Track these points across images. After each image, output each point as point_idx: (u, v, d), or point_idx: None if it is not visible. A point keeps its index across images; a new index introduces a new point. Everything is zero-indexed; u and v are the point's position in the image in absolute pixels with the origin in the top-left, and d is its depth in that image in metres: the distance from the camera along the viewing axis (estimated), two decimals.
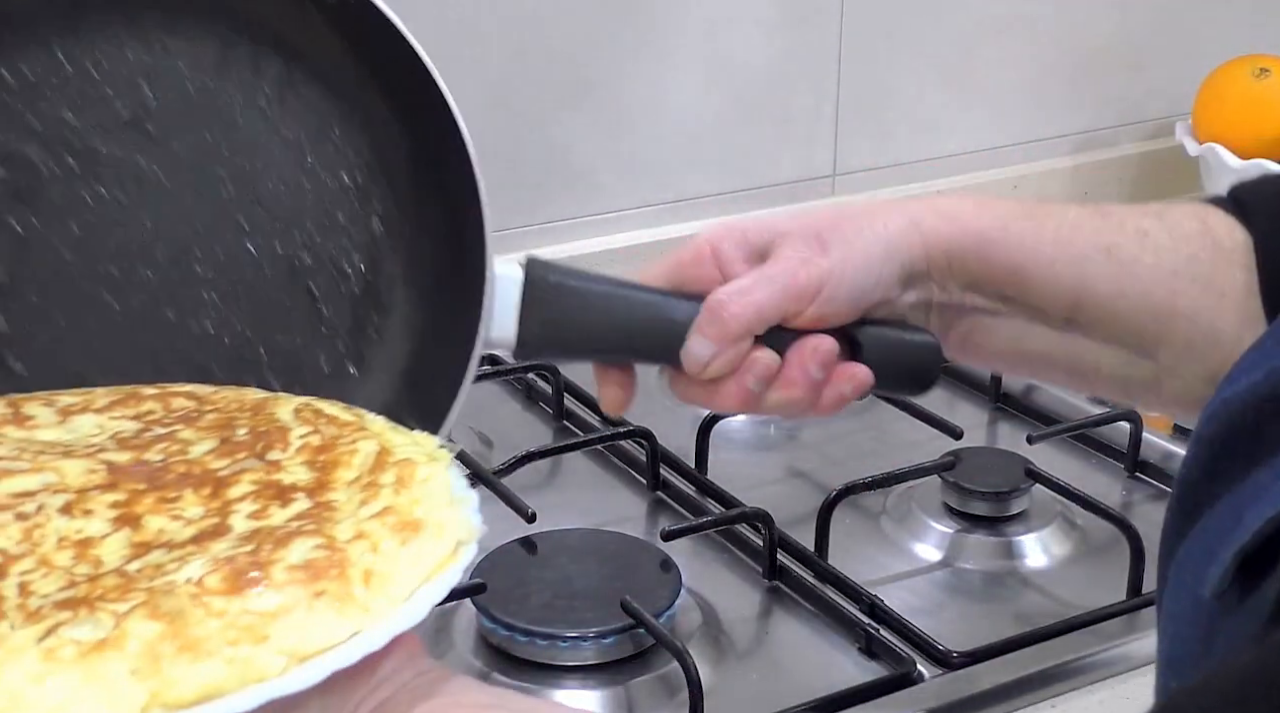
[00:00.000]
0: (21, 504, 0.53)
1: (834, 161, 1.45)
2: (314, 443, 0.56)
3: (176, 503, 0.54)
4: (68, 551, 0.52)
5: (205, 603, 0.47)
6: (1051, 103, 1.56)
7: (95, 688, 0.45)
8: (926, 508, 0.99)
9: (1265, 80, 1.49)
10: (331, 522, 0.51)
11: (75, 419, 0.60)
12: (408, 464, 0.55)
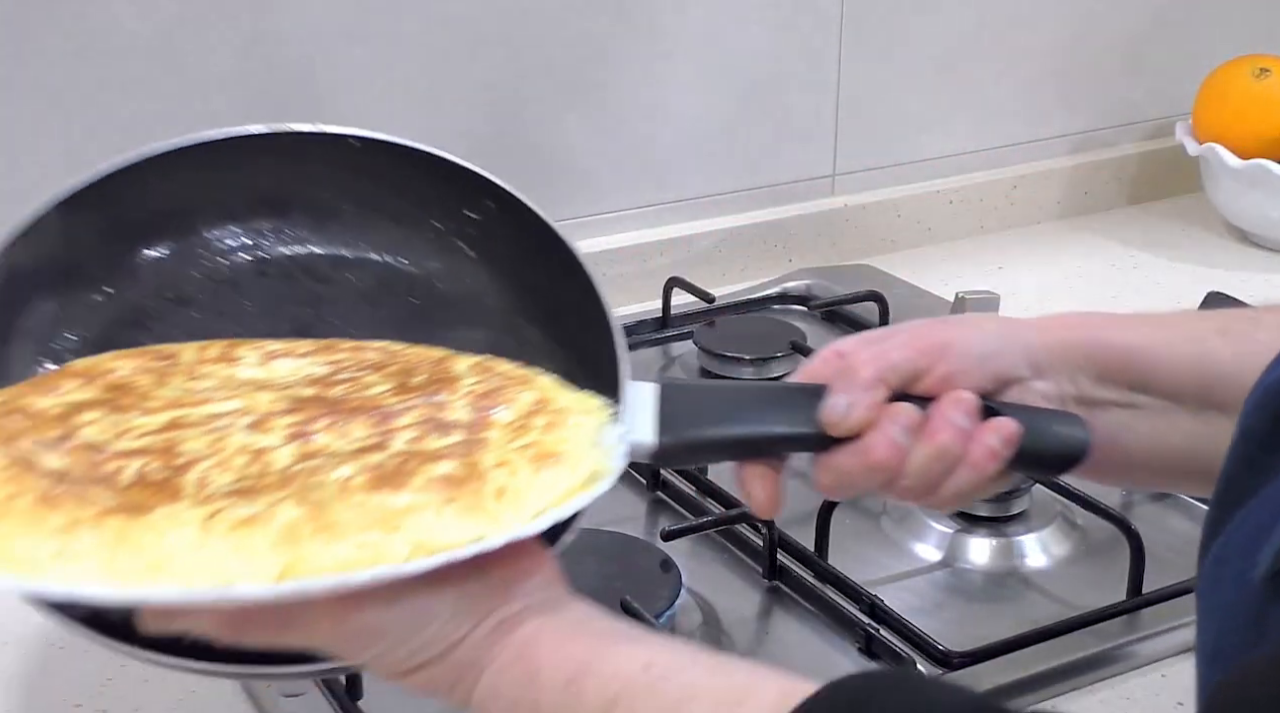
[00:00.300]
0: (213, 423, 0.62)
1: (834, 162, 1.45)
2: (480, 390, 0.63)
3: (346, 427, 0.61)
4: (244, 457, 0.59)
5: (347, 497, 0.54)
6: (1051, 103, 1.56)
7: (239, 556, 0.52)
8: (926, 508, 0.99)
9: (1265, 80, 1.49)
10: (480, 451, 0.58)
11: (276, 362, 0.69)
12: (562, 411, 0.62)
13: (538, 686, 0.55)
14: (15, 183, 1.11)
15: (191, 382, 0.66)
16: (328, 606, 0.55)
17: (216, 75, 1.15)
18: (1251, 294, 1.24)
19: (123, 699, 0.82)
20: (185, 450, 0.60)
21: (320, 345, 0.71)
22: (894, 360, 0.67)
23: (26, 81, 1.09)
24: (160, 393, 0.65)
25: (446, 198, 0.77)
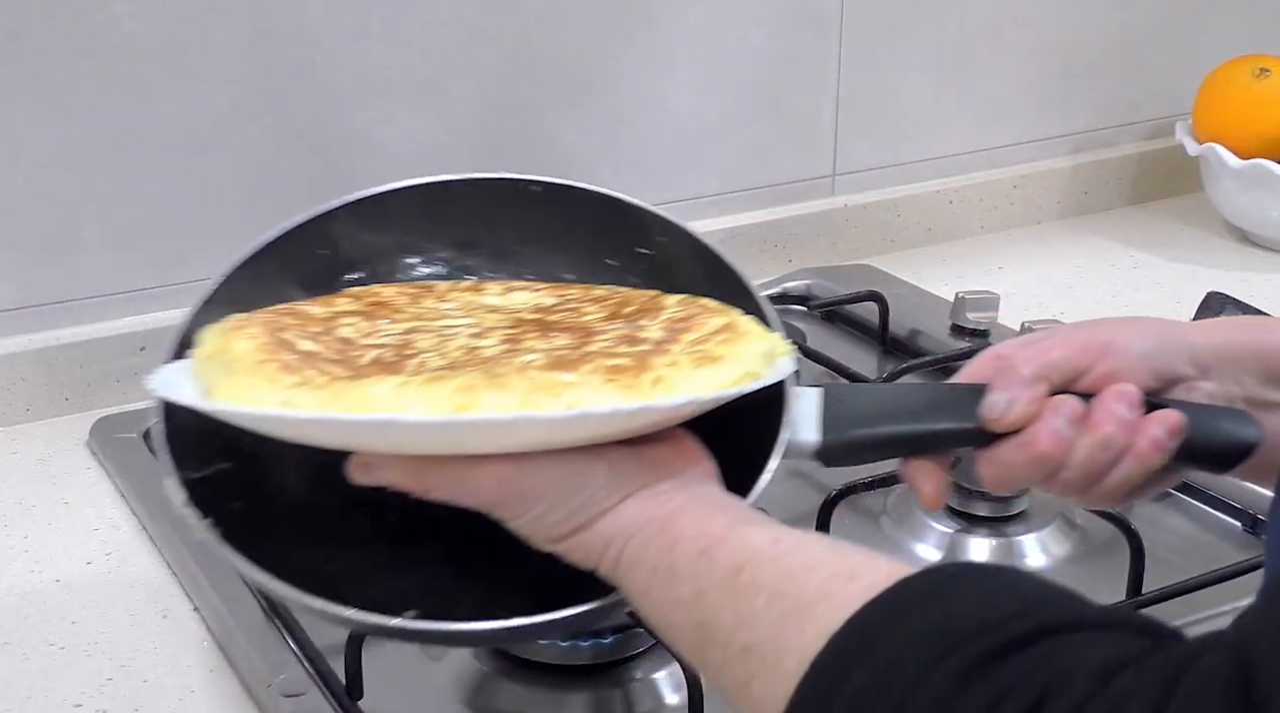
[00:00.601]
0: (445, 331, 0.73)
1: (834, 162, 1.45)
2: (678, 316, 0.70)
3: (551, 339, 0.70)
4: (460, 352, 0.69)
5: (524, 372, 0.63)
6: (1051, 103, 1.56)
7: (422, 401, 0.62)
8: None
9: (1265, 80, 1.49)
10: (656, 356, 0.65)
11: (514, 294, 0.79)
12: (744, 335, 0.68)
13: (676, 552, 0.61)
14: (15, 183, 1.11)
15: (438, 303, 0.78)
16: (495, 466, 0.63)
17: (216, 75, 1.15)
18: (1251, 294, 1.24)
19: (123, 699, 0.83)
20: (415, 346, 0.70)
21: (553, 284, 0.81)
22: (1054, 358, 0.68)
23: (26, 81, 1.09)
24: (410, 309, 0.77)
25: (619, 236, 0.82)
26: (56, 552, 0.97)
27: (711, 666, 0.58)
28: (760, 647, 0.55)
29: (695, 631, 0.59)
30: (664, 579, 0.61)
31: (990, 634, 0.47)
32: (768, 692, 0.53)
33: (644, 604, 0.63)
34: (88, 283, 1.15)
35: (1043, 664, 0.46)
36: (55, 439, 1.11)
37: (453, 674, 0.84)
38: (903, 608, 0.51)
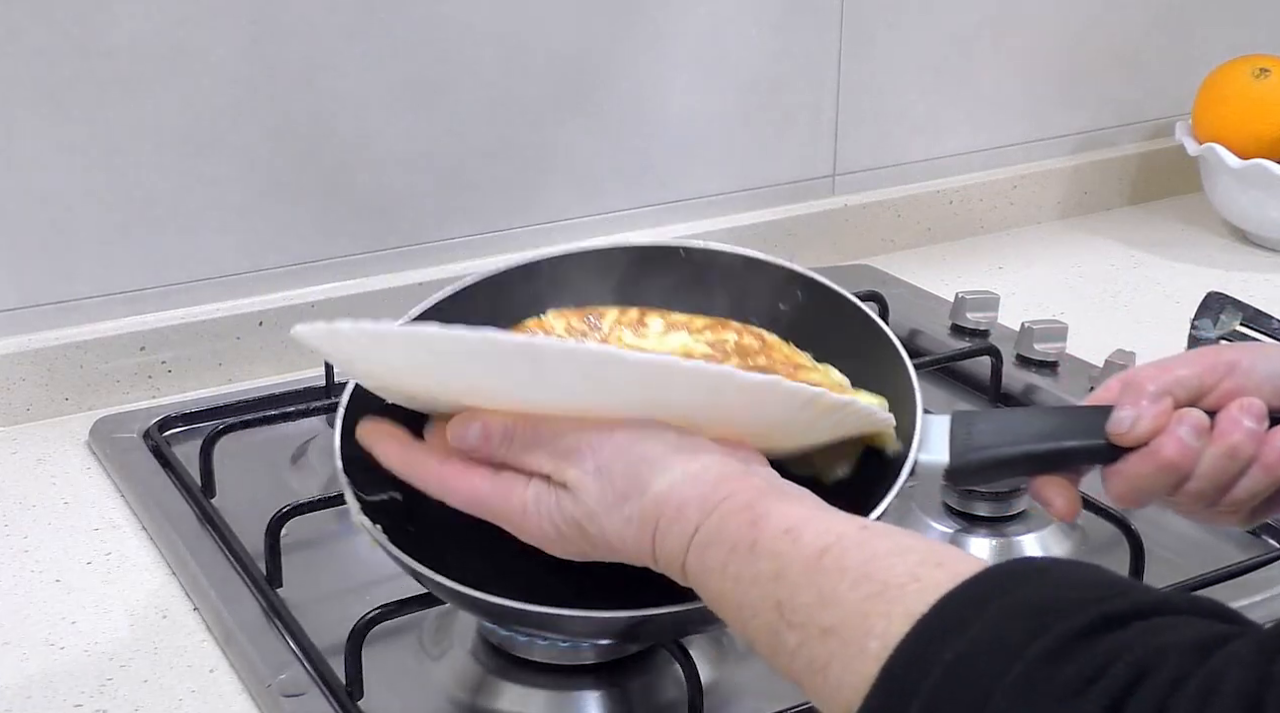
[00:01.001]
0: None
1: (834, 162, 1.45)
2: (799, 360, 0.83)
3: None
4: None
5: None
6: (1051, 103, 1.56)
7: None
8: (926, 508, 0.99)
9: (1265, 80, 1.49)
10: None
11: (673, 334, 0.87)
12: (853, 391, 0.80)
13: (758, 528, 0.61)
14: (15, 183, 1.11)
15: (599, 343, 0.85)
16: (619, 430, 0.67)
17: (216, 75, 1.15)
18: (1251, 294, 1.24)
19: (123, 699, 0.83)
20: None
21: (714, 322, 0.87)
22: (1179, 376, 0.70)
23: (26, 81, 1.09)
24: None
25: (760, 293, 0.88)
26: (56, 552, 0.97)
27: (785, 649, 0.58)
28: (842, 628, 0.55)
29: (773, 612, 0.59)
30: (745, 556, 0.61)
31: (1083, 612, 0.48)
32: (847, 674, 0.53)
33: (719, 583, 0.62)
34: (88, 283, 1.15)
35: (1137, 641, 0.47)
36: (55, 439, 1.11)
37: (453, 674, 0.84)
38: (992, 591, 0.51)
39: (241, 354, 1.20)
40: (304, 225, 1.21)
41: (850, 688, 0.53)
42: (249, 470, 1.05)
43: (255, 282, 1.20)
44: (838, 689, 0.54)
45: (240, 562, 0.93)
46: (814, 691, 0.56)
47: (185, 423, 1.11)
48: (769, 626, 0.59)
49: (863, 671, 0.52)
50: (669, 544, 0.65)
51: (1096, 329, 1.27)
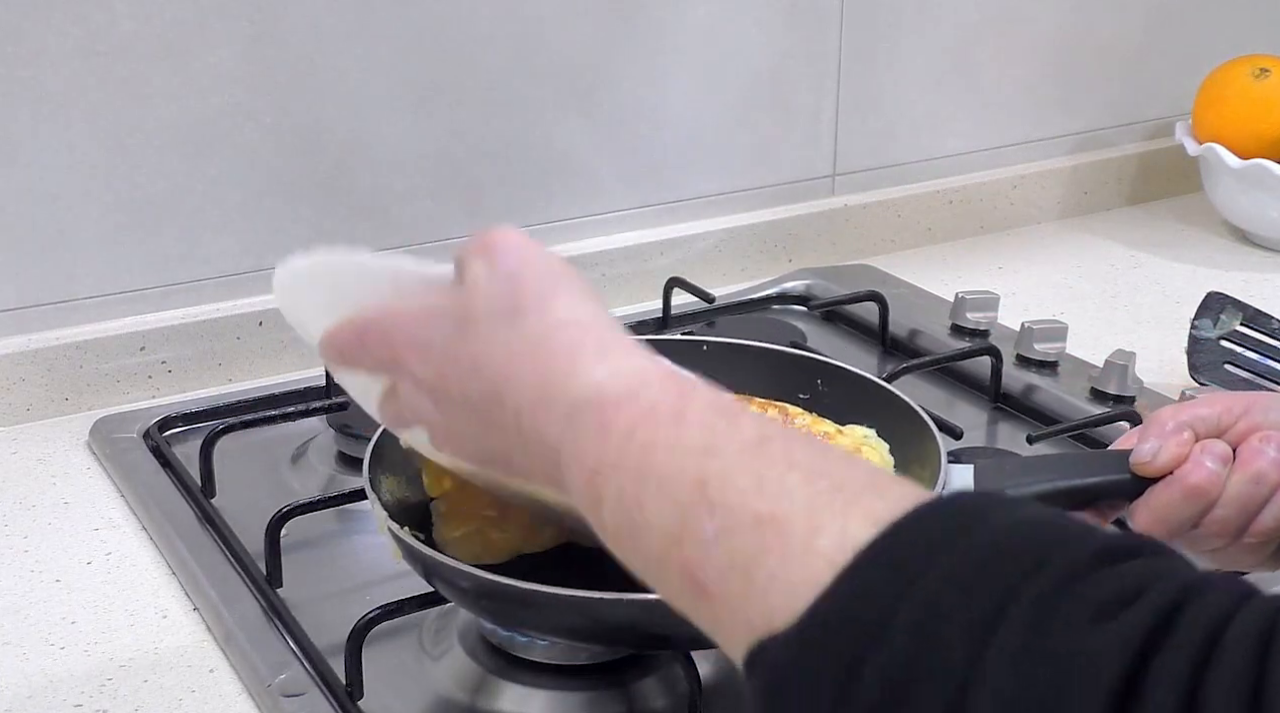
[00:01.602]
0: None
1: (834, 162, 1.45)
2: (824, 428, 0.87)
3: None
4: None
5: None
6: (1051, 103, 1.56)
7: None
8: None
9: (1265, 80, 1.49)
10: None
11: None
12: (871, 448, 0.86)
13: (687, 400, 0.55)
14: (15, 183, 1.11)
15: None
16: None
17: (217, 75, 1.15)
18: (1251, 294, 1.24)
19: (123, 699, 0.83)
20: None
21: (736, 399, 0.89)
22: (1199, 413, 0.71)
23: (26, 81, 1.09)
24: None
25: (784, 384, 0.92)
26: (56, 552, 0.97)
27: (695, 538, 0.50)
28: (784, 520, 0.48)
29: (691, 489, 0.51)
30: (667, 421, 0.53)
31: (1089, 538, 0.45)
32: (784, 572, 0.47)
33: (620, 446, 0.54)
34: (88, 283, 1.15)
35: (1160, 572, 0.44)
36: (55, 439, 1.11)
37: (453, 674, 0.84)
38: (977, 512, 0.47)
39: (241, 354, 1.20)
40: (304, 225, 1.21)
41: (785, 589, 0.47)
42: (249, 470, 1.05)
43: (255, 282, 1.20)
44: (765, 590, 0.48)
45: (240, 562, 0.93)
46: (724, 593, 0.49)
47: (185, 423, 1.11)
48: (679, 508, 0.51)
49: (807, 571, 0.46)
50: (563, 381, 0.57)
51: (1096, 329, 1.27)
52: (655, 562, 0.52)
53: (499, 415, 0.60)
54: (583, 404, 0.56)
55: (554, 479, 0.58)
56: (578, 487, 0.56)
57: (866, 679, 0.44)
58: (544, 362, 0.58)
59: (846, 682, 0.44)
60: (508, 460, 0.62)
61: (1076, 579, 0.43)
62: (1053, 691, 0.41)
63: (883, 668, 0.43)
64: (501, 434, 0.60)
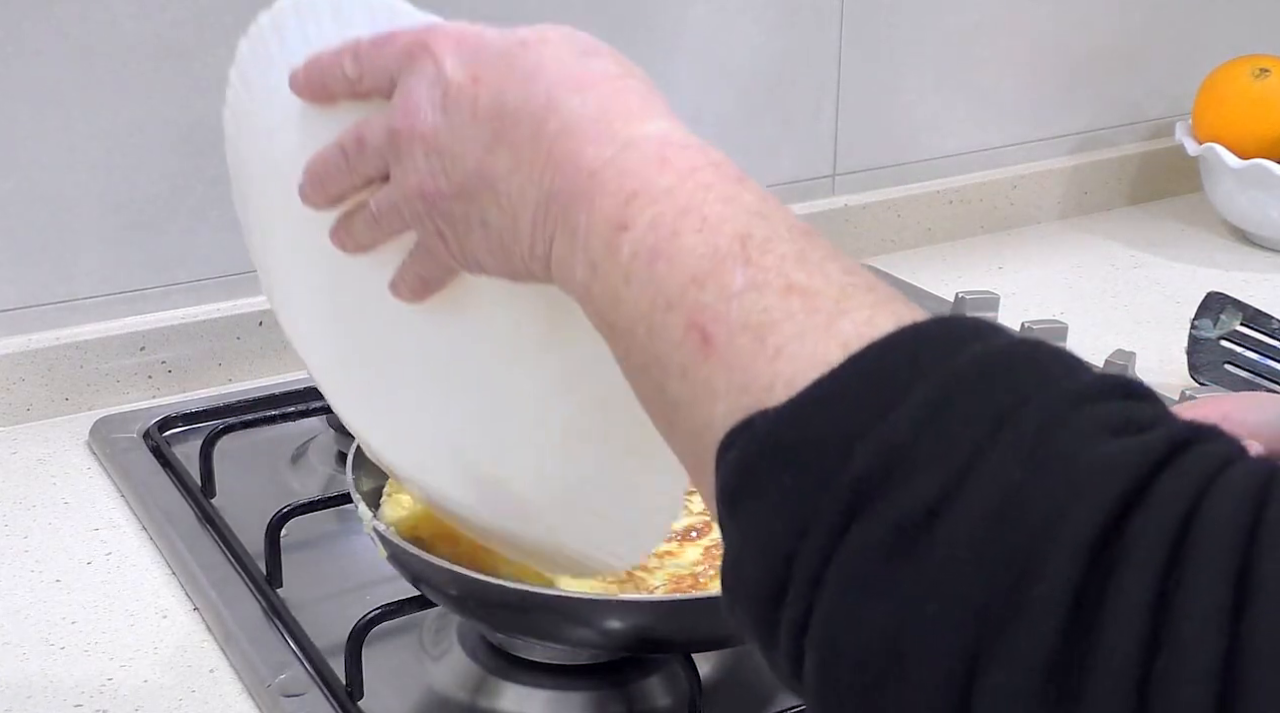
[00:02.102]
0: None
1: (834, 162, 1.45)
2: None
3: (690, 500, 0.84)
4: None
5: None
6: (1051, 103, 1.56)
7: None
8: None
9: (1265, 80, 1.49)
10: None
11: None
12: None
13: (722, 171, 0.53)
14: (15, 183, 1.11)
15: None
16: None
17: (217, 75, 1.15)
18: (1251, 294, 1.24)
19: (123, 699, 0.83)
20: None
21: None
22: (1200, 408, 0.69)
23: (26, 81, 1.09)
24: None
25: None
26: (56, 552, 0.97)
27: (720, 281, 0.48)
28: (816, 296, 0.47)
29: (731, 238, 0.49)
30: (728, 177, 0.52)
31: (1120, 379, 0.44)
32: (799, 344, 0.45)
33: (678, 180, 0.52)
34: (88, 283, 1.15)
35: (1164, 412, 0.43)
36: (55, 439, 1.11)
37: (453, 674, 0.84)
38: (992, 330, 0.46)
39: (241, 354, 1.20)
40: None
41: (792, 362, 0.45)
42: (249, 470, 1.05)
43: (255, 282, 1.19)
44: (773, 359, 0.46)
45: (240, 562, 0.93)
46: (729, 352, 0.47)
47: (185, 423, 1.11)
48: (714, 251, 0.49)
49: (821, 349, 0.45)
50: (628, 117, 0.56)
51: (1096, 329, 1.27)
52: (662, 306, 0.50)
53: (526, 129, 0.57)
54: (644, 138, 0.54)
55: (543, 209, 0.56)
56: (603, 212, 0.53)
57: (857, 456, 0.42)
58: (612, 97, 0.57)
59: (835, 459, 0.42)
60: (493, 184, 0.58)
61: (1090, 401, 0.42)
62: (1058, 488, 0.40)
63: (877, 447, 0.42)
64: (510, 152, 0.57)
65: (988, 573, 0.39)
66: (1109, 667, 0.37)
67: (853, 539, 0.41)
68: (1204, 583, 0.37)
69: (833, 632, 0.41)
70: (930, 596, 0.40)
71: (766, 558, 0.43)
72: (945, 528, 0.40)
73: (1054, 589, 0.38)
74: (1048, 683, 0.38)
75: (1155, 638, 0.37)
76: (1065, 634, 0.38)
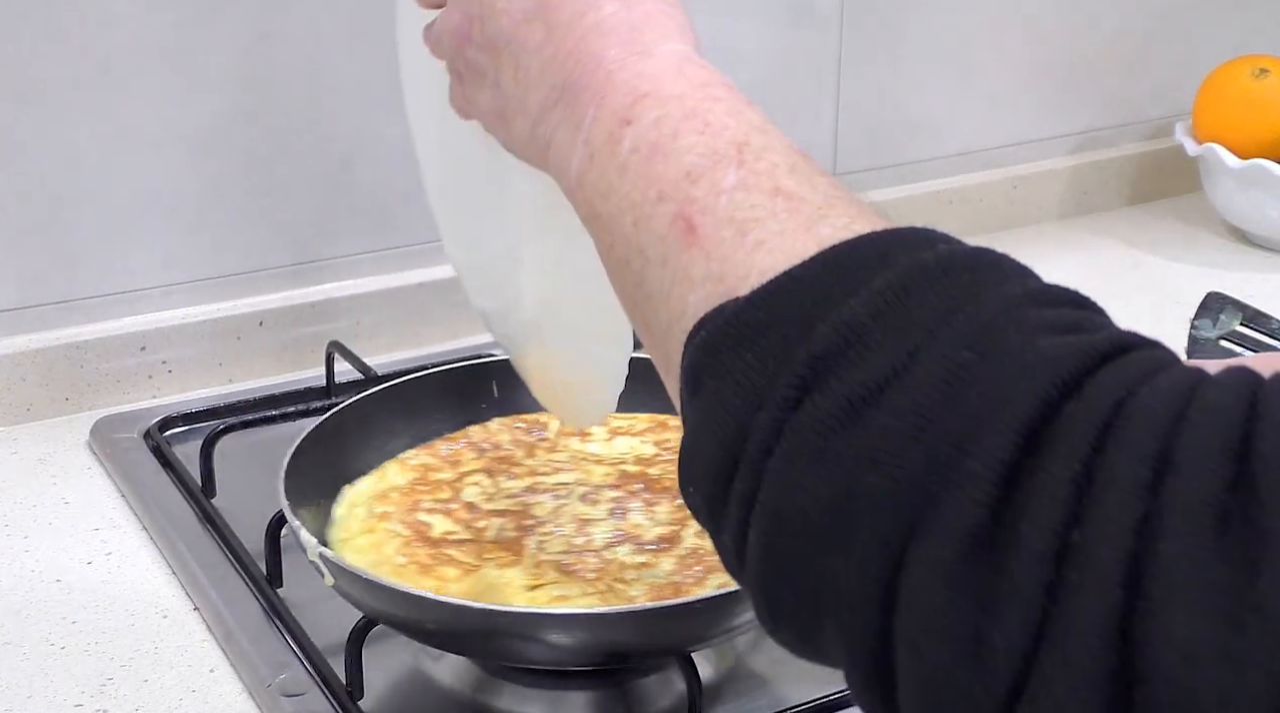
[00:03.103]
0: (559, 491, 0.88)
1: (834, 162, 1.45)
2: None
3: (655, 506, 0.86)
4: (574, 524, 0.84)
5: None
6: (1051, 103, 1.56)
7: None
8: None
9: (1265, 80, 1.49)
10: None
11: (618, 439, 0.93)
12: None
13: (733, 91, 0.58)
14: (15, 183, 1.11)
15: (551, 454, 0.92)
16: None
17: (217, 75, 1.15)
18: (1251, 294, 1.24)
19: (123, 699, 0.83)
20: (534, 514, 0.86)
21: (654, 423, 0.94)
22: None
23: (26, 82, 1.09)
24: (526, 461, 0.92)
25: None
26: (56, 552, 0.97)
27: (713, 178, 0.52)
28: (801, 201, 0.50)
29: (729, 144, 0.53)
30: (739, 98, 0.57)
31: (1075, 293, 0.47)
32: (778, 240, 0.49)
33: (688, 88, 0.57)
34: (88, 283, 1.15)
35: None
36: (55, 439, 1.11)
37: (453, 674, 0.84)
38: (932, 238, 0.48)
39: (241, 354, 1.20)
40: (304, 225, 1.21)
41: (768, 255, 0.48)
42: (249, 470, 1.04)
43: (255, 282, 1.20)
44: (751, 251, 0.49)
45: (240, 562, 0.93)
46: (710, 242, 0.50)
47: (185, 423, 1.10)
48: (712, 152, 0.52)
49: (797, 246, 0.48)
50: (653, 34, 0.62)
51: None
52: (654, 197, 0.53)
53: (566, 13, 0.60)
54: (668, 52, 0.60)
55: (556, 94, 0.59)
56: (611, 106, 0.56)
57: (816, 335, 0.44)
58: (653, 15, 0.63)
59: (795, 338, 0.45)
60: (518, 52, 0.62)
61: (1042, 304, 0.45)
62: (1001, 373, 0.42)
63: (835, 327, 0.44)
64: (544, 28, 0.61)
65: (927, 447, 0.41)
66: (1030, 539, 0.39)
67: (804, 412, 0.43)
68: (1125, 460, 0.39)
69: (778, 501, 0.44)
70: (872, 466, 0.42)
71: (722, 433, 0.46)
72: (890, 402, 0.42)
73: (985, 465, 0.40)
74: (972, 553, 0.40)
75: (1076, 513, 0.39)
76: (992, 508, 0.40)
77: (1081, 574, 0.38)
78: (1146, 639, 0.37)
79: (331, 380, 1.12)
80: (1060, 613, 0.38)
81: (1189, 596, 0.37)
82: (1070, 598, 0.38)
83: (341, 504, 0.90)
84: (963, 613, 0.40)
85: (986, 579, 0.40)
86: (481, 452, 0.94)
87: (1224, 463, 0.38)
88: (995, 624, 0.39)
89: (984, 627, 0.39)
